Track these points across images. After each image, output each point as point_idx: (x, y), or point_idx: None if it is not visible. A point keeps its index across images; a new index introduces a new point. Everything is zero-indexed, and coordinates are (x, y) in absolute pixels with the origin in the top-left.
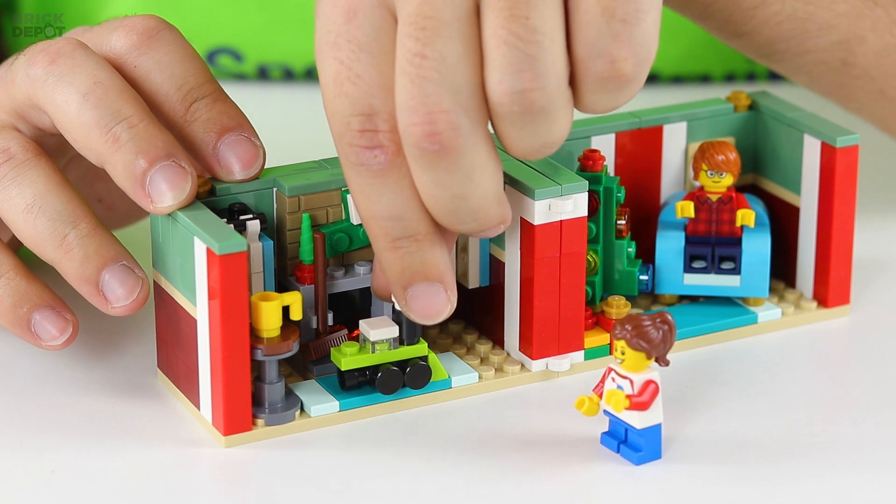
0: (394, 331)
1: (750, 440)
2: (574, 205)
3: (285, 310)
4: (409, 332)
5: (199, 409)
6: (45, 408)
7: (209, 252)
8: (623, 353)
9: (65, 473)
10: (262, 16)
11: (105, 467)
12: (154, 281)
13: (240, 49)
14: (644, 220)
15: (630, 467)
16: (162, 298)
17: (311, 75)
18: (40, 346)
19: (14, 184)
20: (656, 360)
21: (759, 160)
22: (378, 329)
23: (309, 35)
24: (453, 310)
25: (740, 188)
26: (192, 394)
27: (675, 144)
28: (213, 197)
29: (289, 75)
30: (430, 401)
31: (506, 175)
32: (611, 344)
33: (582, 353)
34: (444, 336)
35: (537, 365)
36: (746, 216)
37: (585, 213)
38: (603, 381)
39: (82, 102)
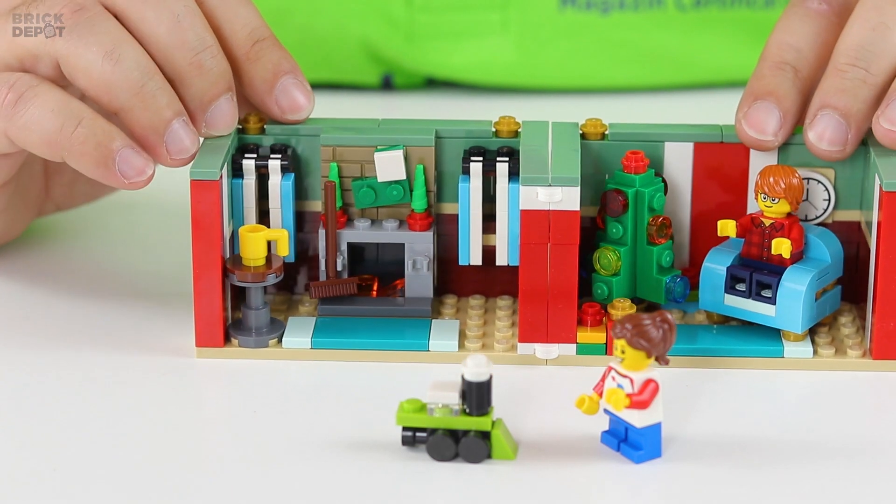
0: (451, 397)
1: (750, 440)
2: (562, 196)
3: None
4: (478, 402)
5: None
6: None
7: None
8: (623, 352)
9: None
10: None
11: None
12: None
13: None
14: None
15: (630, 466)
16: None
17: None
18: (123, 185)
19: (89, 31)
20: (656, 359)
21: (863, 196)
22: (436, 391)
23: (312, 55)
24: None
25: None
26: None
27: (765, 165)
28: (261, 134)
29: None
30: (408, 358)
31: (517, 161)
32: (608, 342)
33: (574, 346)
34: (476, 308)
35: (523, 348)
36: (780, 245)
37: (577, 207)
38: (603, 379)
39: (175, 23)
